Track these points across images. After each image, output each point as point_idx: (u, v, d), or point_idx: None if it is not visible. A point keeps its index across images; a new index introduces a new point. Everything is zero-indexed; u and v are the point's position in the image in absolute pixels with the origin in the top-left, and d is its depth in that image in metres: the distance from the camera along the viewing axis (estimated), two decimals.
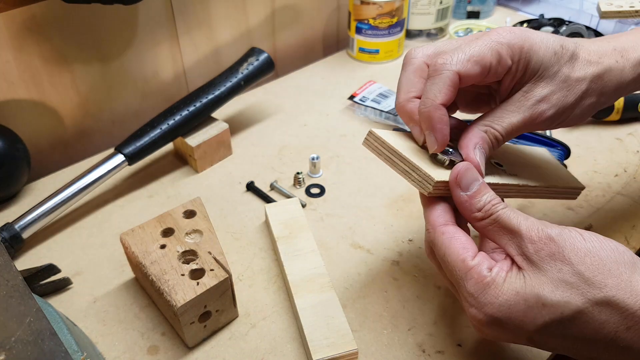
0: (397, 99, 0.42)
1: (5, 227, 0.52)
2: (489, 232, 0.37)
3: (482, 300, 0.34)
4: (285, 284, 0.50)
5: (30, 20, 0.58)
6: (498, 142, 0.41)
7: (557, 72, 0.41)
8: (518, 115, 0.41)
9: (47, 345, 0.32)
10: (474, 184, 0.38)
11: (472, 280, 0.35)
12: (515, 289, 0.34)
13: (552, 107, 0.41)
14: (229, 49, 0.80)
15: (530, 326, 0.33)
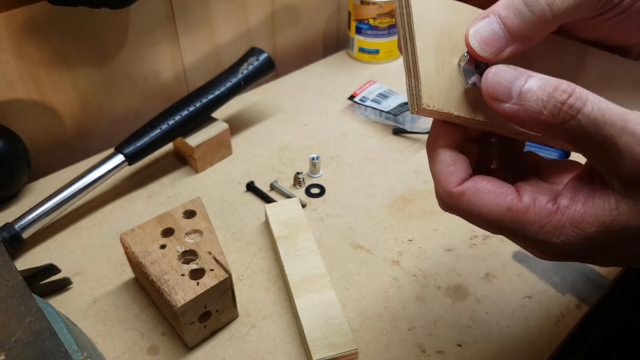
0: None
1: (5, 227, 0.52)
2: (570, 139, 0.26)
3: (556, 244, 0.26)
4: (285, 284, 0.50)
5: (30, 21, 0.58)
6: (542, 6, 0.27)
7: None
8: None
9: (47, 345, 0.32)
10: (516, 82, 0.26)
11: (534, 225, 0.27)
12: (603, 222, 0.25)
13: None
14: (229, 49, 0.80)
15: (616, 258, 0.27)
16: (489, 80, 0.27)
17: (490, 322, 0.47)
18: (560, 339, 0.45)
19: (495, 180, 0.28)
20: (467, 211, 0.29)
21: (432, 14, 0.28)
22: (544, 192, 0.28)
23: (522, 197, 0.27)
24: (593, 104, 0.25)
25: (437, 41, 0.29)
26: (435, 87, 0.28)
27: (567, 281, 0.50)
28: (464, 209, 0.29)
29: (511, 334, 0.46)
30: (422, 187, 0.61)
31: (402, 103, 0.71)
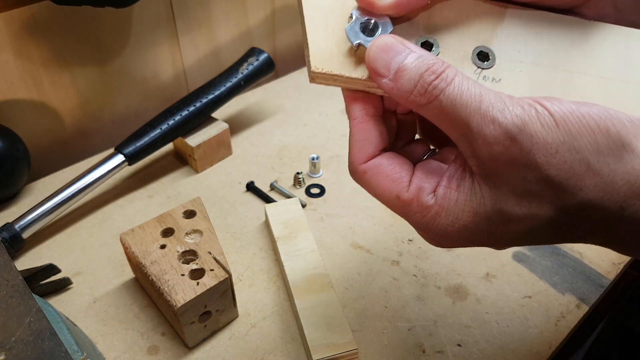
0: None
1: (5, 227, 0.52)
2: (436, 120, 0.27)
3: (436, 233, 0.28)
4: (285, 284, 0.50)
5: (30, 21, 0.58)
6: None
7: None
8: None
9: (47, 345, 0.32)
10: (396, 58, 0.27)
11: (416, 215, 0.29)
12: (472, 209, 0.27)
13: None
14: (229, 49, 0.80)
15: (499, 242, 0.29)
16: (371, 53, 0.28)
17: (490, 322, 0.47)
18: (560, 339, 0.45)
19: (397, 163, 0.29)
20: (367, 189, 0.30)
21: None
22: (431, 179, 0.29)
23: (411, 185, 0.29)
24: (456, 84, 0.26)
25: (327, 8, 0.30)
26: (324, 52, 0.29)
27: (567, 281, 0.50)
28: (365, 186, 0.30)
29: (511, 334, 0.46)
30: None
31: None
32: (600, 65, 0.32)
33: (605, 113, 0.25)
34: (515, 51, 0.31)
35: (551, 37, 0.32)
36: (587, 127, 0.25)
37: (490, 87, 0.29)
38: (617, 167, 0.25)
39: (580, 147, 0.25)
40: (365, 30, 0.29)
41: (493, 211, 0.27)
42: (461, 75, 0.26)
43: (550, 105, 0.25)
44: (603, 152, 0.25)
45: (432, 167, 0.30)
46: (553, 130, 0.25)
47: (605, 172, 0.25)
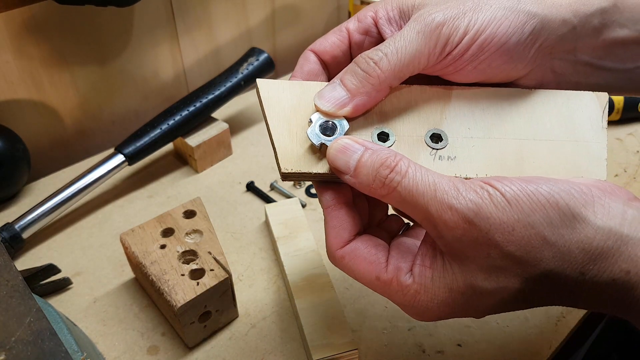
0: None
1: (5, 227, 0.52)
2: (399, 207, 0.30)
3: (419, 309, 0.31)
4: (285, 284, 0.50)
5: (30, 21, 0.58)
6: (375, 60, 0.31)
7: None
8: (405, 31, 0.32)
9: (47, 345, 0.32)
10: (353, 156, 0.30)
11: (397, 294, 0.31)
12: (447, 285, 0.29)
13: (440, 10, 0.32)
14: (229, 49, 0.80)
15: (476, 313, 0.30)
16: (331, 155, 0.31)
17: (490, 322, 0.47)
18: (560, 339, 0.45)
19: (372, 245, 0.32)
20: (347, 272, 0.32)
21: (279, 95, 0.35)
22: (407, 258, 0.31)
23: (388, 266, 0.31)
24: (410, 176, 0.29)
25: (288, 115, 0.34)
26: (290, 154, 0.33)
27: None
28: (345, 270, 0.32)
29: (511, 334, 0.46)
30: None
31: None
32: (548, 129, 0.34)
33: (554, 188, 0.27)
34: (466, 129, 0.34)
35: (497, 109, 0.35)
36: (538, 203, 0.27)
37: (446, 167, 0.33)
38: (571, 237, 0.27)
39: (534, 222, 0.27)
40: (325, 131, 0.32)
41: (465, 286, 0.29)
42: (414, 165, 0.29)
43: (502, 186, 0.28)
44: (556, 224, 0.27)
45: (406, 246, 0.32)
46: (507, 210, 0.27)
47: (561, 243, 0.27)
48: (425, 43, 0.31)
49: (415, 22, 0.32)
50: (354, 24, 0.36)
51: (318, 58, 0.38)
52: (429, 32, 0.31)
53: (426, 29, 0.31)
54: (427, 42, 0.31)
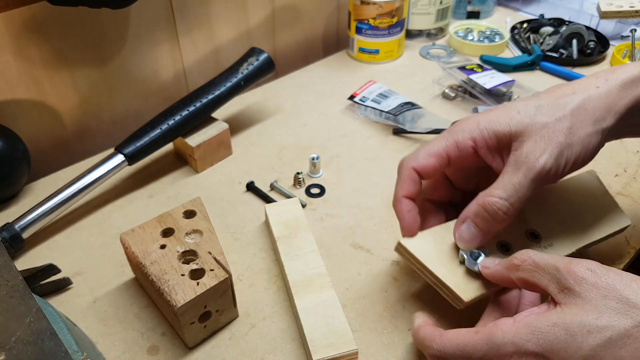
0: (393, 198, 0.46)
1: (5, 227, 0.52)
2: (529, 278, 0.37)
3: (519, 342, 0.33)
4: (285, 284, 0.50)
5: (30, 21, 0.58)
6: (501, 211, 0.40)
7: (530, 123, 0.41)
8: (516, 173, 0.40)
9: (47, 345, 0.32)
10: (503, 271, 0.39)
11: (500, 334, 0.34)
12: (552, 321, 0.33)
13: (544, 152, 0.40)
14: (229, 49, 0.80)
15: (576, 355, 0.32)
16: (485, 273, 0.41)
17: None
18: None
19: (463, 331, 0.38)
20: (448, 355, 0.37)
21: (424, 247, 0.43)
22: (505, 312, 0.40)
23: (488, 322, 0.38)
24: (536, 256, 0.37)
25: (440, 258, 0.43)
26: (462, 286, 0.41)
27: None
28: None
29: None
30: None
31: (402, 103, 0.71)
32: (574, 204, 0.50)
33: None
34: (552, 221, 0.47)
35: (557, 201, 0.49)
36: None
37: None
38: None
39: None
40: (475, 259, 0.42)
41: (574, 322, 0.32)
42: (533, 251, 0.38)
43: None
44: None
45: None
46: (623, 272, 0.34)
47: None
48: (537, 186, 0.40)
49: (525, 168, 0.40)
50: (454, 150, 0.43)
51: (416, 172, 0.44)
52: (540, 179, 0.40)
53: (538, 176, 0.39)
54: (538, 185, 0.40)
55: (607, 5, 0.83)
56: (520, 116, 0.41)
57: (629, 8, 0.82)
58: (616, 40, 0.90)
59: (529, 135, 0.41)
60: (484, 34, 0.91)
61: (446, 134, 0.44)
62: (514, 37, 0.91)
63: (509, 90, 0.75)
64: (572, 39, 0.86)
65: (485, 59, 0.85)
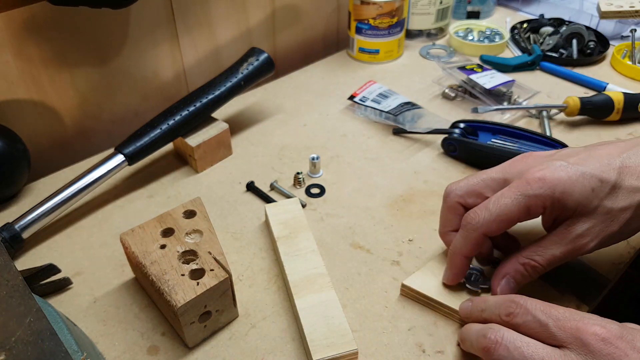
0: (439, 228, 0.49)
1: (5, 227, 0.52)
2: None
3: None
4: (285, 284, 0.50)
5: (30, 21, 0.58)
6: (537, 272, 0.44)
7: (598, 206, 0.41)
8: (560, 248, 0.42)
9: (47, 345, 0.32)
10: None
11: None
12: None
13: (595, 239, 0.42)
14: (229, 49, 0.80)
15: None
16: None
17: None
18: None
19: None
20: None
21: (427, 281, 0.48)
22: None
23: None
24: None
25: (445, 288, 0.47)
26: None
27: (567, 281, 0.50)
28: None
29: None
30: (422, 187, 0.61)
31: (402, 103, 0.71)
32: None
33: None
34: None
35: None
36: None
37: None
38: None
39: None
40: (476, 281, 0.47)
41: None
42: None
43: None
44: None
45: None
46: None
47: None
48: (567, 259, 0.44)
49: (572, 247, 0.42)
50: (525, 214, 0.42)
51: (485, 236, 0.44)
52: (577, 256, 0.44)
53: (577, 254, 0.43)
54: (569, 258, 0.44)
55: (607, 5, 0.83)
56: (592, 196, 0.41)
57: (629, 8, 0.82)
58: (616, 40, 0.90)
59: (590, 217, 0.41)
60: (484, 34, 0.91)
61: (517, 192, 0.42)
62: (514, 37, 0.91)
63: (509, 90, 0.75)
64: (572, 39, 0.86)
65: (485, 59, 0.85)
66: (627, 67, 0.81)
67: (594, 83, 0.78)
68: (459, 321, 0.46)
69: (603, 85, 0.77)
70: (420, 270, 0.49)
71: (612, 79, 0.80)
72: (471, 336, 0.40)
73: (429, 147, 0.67)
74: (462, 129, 0.65)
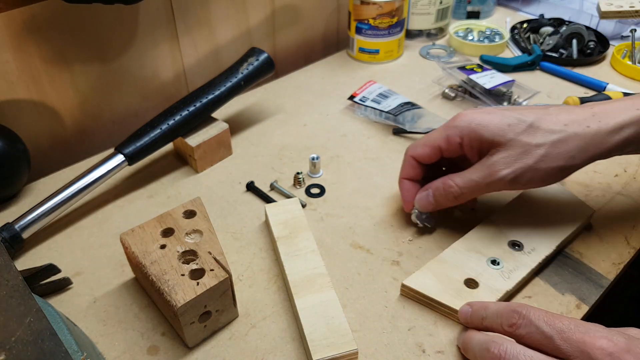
0: (399, 176, 0.56)
1: (5, 227, 0.52)
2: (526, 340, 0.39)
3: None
4: (285, 284, 0.50)
5: (30, 20, 0.59)
6: (452, 193, 0.50)
7: (513, 139, 0.47)
8: (477, 173, 0.48)
9: (47, 345, 0.32)
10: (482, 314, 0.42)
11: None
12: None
13: (508, 167, 0.47)
14: (229, 49, 0.80)
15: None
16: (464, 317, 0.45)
17: None
18: None
19: None
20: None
21: (425, 281, 0.48)
22: None
23: None
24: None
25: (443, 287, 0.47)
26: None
27: (567, 281, 0.50)
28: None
29: None
30: None
31: (402, 103, 0.71)
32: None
33: None
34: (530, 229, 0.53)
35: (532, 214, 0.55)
36: None
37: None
38: None
39: None
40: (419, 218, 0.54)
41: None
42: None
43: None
44: None
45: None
46: None
47: None
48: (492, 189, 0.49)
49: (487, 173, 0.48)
50: (445, 143, 0.50)
51: (414, 159, 0.53)
52: (494, 186, 0.48)
53: (493, 183, 0.48)
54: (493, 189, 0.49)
55: (607, 5, 0.83)
56: (508, 129, 0.47)
57: (629, 8, 0.82)
58: (616, 40, 0.90)
59: (506, 148, 0.47)
60: (484, 34, 0.91)
61: (443, 127, 0.51)
62: (514, 37, 0.91)
63: (509, 90, 0.75)
64: (572, 39, 0.86)
65: (485, 59, 0.85)
66: (627, 67, 0.81)
67: (593, 83, 0.78)
68: (459, 321, 0.46)
69: (603, 85, 0.77)
70: (420, 270, 0.49)
71: (612, 79, 0.80)
72: (474, 347, 0.41)
73: None
74: None
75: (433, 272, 0.48)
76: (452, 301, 0.46)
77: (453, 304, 0.45)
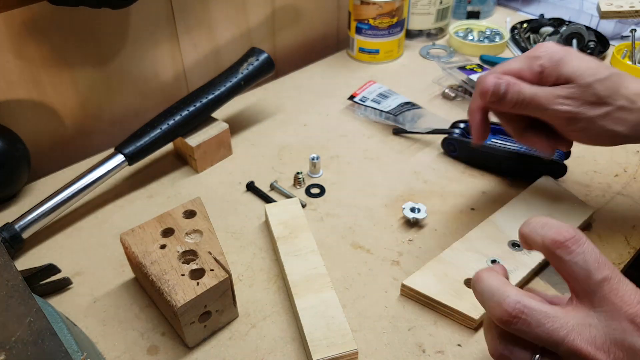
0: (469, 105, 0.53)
1: (5, 227, 0.52)
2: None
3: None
4: (285, 284, 0.50)
5: (30, 21, 0.59)
6: (517, 93, 0.47)
7: (590, 84, 0.45)
8: (544, 92, 0.46)
9: (47, 345, 0.32)
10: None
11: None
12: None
13: (568, 100, 0.46)
14: (229, 49, 0.80)
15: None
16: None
17: None
18: None
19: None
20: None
21: (426, 281, 0.48)
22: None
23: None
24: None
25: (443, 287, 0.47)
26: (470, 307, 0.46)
27: None
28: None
29: None
30: (422, 187, 0.61)
31: (402, 103, 0.71)
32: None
33: None
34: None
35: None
36: None
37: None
38: None
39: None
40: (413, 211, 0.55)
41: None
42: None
43: None
44: None
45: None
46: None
47: None
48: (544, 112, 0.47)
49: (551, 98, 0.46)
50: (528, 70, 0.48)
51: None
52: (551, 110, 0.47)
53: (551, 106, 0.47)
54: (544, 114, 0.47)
55: (607, 5, 0.83)
56: (588, 73, 0.45)
57: (629, 8, 0.82)
58: (616, 40, 0.90)
59: (577, 86, 0.46)
60: (484, 34, 0.91)
61: (523, 57, 0.49)
62: (514, 37, 0.91)
63: None
64: (572, 39, 0.86)
65: (485, 59, 0.85)
66: (627, 67, 0.81)
67: None
68: (459, 321, 0.46)
69: None
70: (420, 270, 0.49)
71: None
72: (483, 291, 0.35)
73: (429, 147, 0.67)
74: (462, 129, 0.65)
75: (433, 272, 0.48)
76: (452, 301, 0.46)
77: (453, 304, 0.45)
